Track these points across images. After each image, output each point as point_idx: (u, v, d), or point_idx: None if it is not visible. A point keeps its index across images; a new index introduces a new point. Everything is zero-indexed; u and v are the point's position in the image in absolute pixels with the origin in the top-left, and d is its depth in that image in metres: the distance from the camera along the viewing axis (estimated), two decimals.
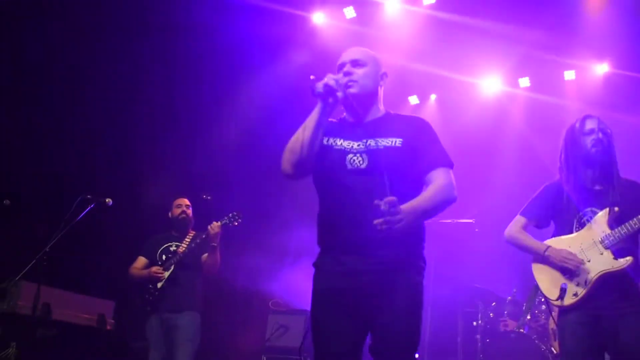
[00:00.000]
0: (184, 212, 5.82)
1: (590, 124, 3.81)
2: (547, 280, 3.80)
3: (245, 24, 7.36)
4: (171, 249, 5.66)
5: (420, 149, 2.93)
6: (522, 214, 3.96)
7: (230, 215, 5.58)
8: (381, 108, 3.12)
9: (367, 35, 7.71)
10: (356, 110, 3.04)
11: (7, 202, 5.51)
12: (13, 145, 6.76)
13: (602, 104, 7.76)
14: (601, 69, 7.93)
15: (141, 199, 7.35)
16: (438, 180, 2.88)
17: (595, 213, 3.71)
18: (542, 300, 4.09)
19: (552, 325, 6.11)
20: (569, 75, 8.05)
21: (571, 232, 3.78)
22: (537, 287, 3.88)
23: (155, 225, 6.18)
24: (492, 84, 8.39)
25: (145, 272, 5.57)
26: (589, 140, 3.76)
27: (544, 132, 8.00)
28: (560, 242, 3.79)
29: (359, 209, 2.78)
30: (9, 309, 5.26)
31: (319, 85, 2.86)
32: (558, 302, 3.67)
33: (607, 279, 3.58)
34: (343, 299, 2.83)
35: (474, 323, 6.81)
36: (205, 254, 5.56)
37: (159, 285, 5.50)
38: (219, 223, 5.50)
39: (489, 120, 8.39)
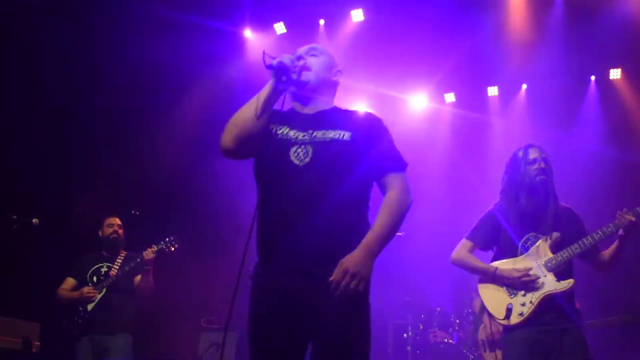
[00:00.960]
0: (115, 231, 5.69)
1: (533, 153, 4.05)
2: (493, 300, 4.03)
3: (176, 40, 7.29)
4: (102, 270, 5.55)
5: (372, 148, 2.79)
6: (469, 238, 4.19)
7: (167, 240, 5.47)
8: (330, 103, 3.00)
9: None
10: (306, 98, 2.92)
11: None
12: None
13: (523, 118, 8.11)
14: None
15: (68, 217, 7.15)
16: (391, 192, 2.75)
17: (537, 238, 3.98)
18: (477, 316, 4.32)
19: (481, 335, 6.30)
20: (492, 91, 8.33)
21: (515, 256, 4.02)
22: (483, 306, 4.10)
23: (83, 245, 6.03)
24: (419, 100, 8.58)
25: (75, 293, 5.43)
26: (532, 170, 4.00)
27: (468, 147, 8.28)
28: (506, 264, 4.02)
29: (300, 211, 2.65)
30: None
31: (274, 62, 2.77)
32: (505, 322, 3.92)
33: (551, 299, 3.85)
34: (283, 317, 2.64)
35: (404, 335, 6.91)
36: (138, 276, 5.47)
37: (90, 307, 5.37)
38: (155, 248, 5.40)
39: (417, 135, 8.56)
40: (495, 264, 4.08)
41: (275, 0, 7.51)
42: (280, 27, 7.85)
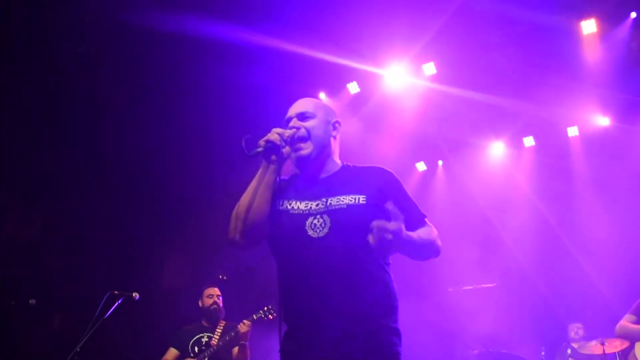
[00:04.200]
0: (215, 302, 5.79)
1: None
2: None
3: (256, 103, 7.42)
4: (203, 340, 5.63)
5: (393, 212, 2.57)
6: (631, 312, 5.21)
7: (266, 309, 5.53)
8: (337, 161, 2.84)
9: (371, 109, 7.93)
10: (311, 168, 2.77)
11: (32, 301, 5.50)
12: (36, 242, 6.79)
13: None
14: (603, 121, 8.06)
15: (162, 288, 7.33)
16: (425, 228, 2.70)
17: None
18: None
19: None
20: (573, 131, 8.18)
21: None
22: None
23: (180, 314, 6.15)
24: (496, 147, 8.50)
25: None
26: None
27: (549, 192, 8.12)
28: None
29: (326, 291, 2.52)
30: None
31: (261, 142, 2.62)
32: None
33: None
34: None
35: None
36: (236, 348, 5.53)
37: None
38: (248, 323, 5.46)
39: (495, 183, 8.47)
40: None
41: (346, 59, 7.60)
42: (353, 87, 7.94)
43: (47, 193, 7.01)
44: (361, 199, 2.64)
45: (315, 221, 2.61)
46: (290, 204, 2.70)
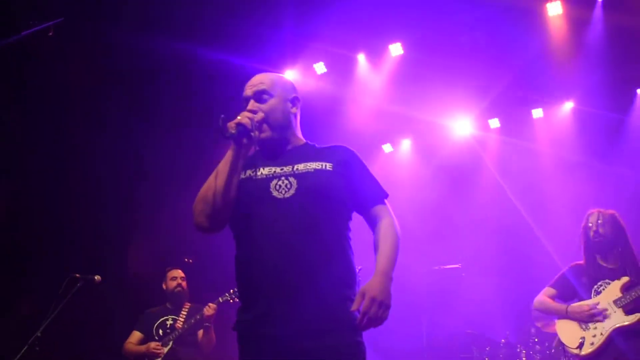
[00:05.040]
0: (179, 285, 5.75)
1: (591, 219, 4.78)
2: (567, 333, 4.65)
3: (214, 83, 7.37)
4: (167, 323, 5.58)
5: (355, 180, 2.70)
6: (551, 286, 4.90)
7: (232, 291, 5.46)
8: (299, 136, 2.84)
9: (338, 89, 7.89)
10: (272, 148, 2.75)
11: None
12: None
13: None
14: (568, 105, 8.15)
15: (127, 271, 7.24)
16: (384, 221, 2.68)
17: (608, 284, 4.59)
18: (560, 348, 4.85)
19: None
20: (537, 113, 8.24)
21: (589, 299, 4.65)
22: (559, 340, 4.72)
23: (143, 297, 6.09)
24: (463, 126, 8.52)
25: (142, 347, 5.46)
26: (591, 233, 4.72)
27: (516, 172, 8.19)
28: (581, 305, 4.64)
29: (290, 250, 2.49)
30: None
31: (231, 125, 2.56)
32: (577, 351, 4.52)
33: (620, 332, 4.39)
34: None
35: None
36: (201, 331, 5.48)
37: None
38: (214, 305, 5.39)
39: (463, 163, 8.51)
40: (571, 305, 4.71)
41: (313, 40, 7.54)
42: (320, 67, 7.88)
43: (11, 175, 6.86)
44: (328, 166, 2.67)
45: (280, 182, 2.61)
46: (253, 172, 2.68)
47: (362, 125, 8.01)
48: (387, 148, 9.03)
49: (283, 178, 2.61)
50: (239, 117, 2.61)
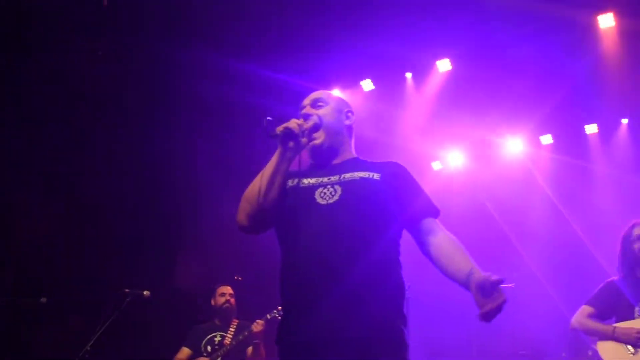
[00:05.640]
0: (228, 301, 5.74)
1: (637, 231, 4.46)
2: (612, 356, 4.35)
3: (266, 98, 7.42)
4: (216, 339, 5.58)
5: (404, 193, 2.64)
6: (589, 304, 4.55)
7: (279, 308, 5.42)
8: (352, 151, 2.84)
9: (385, 106, 7.87)
10: (324, 157, 2.76)
11: (43, 299, 5.49)
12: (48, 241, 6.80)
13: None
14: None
15: (174, 286, 7.31)
16: (443, 232, 2.60)
17: None
18: None
19: None
20: (591, 129, 8.05)
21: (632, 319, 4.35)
22: None
23: (193, 313, 6.12)
24: (515, 142, 8.38)
25: None
26: (637, 246, 4.41)
27: (568, 189, 7.99)
28: (624, 324, 4.35)
29: (328, 257, 2.44)
30: None
31: (279, 128, 2.60)
32: None
33: None
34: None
35: None
36: (250, 348, 5.47)
37: None
38: (262, 322, 5.38)
39: (514, 181, 8.34)
40: (615, 325, 4.40)
41: (360, 58, 7.55)
42: (367, 84, 7.88)
43: (62, 194, 7.02)
44: (375, 175, 2.65)
45: (325, 190, 2.61)
46: (300, 181, 2.69)
47: (411, 143, 7.95)
48: (436, 165, 8.93)
49: (329, 186, 2.61)
50: (287, 122, 2.64)
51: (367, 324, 2.40)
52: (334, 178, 2.65)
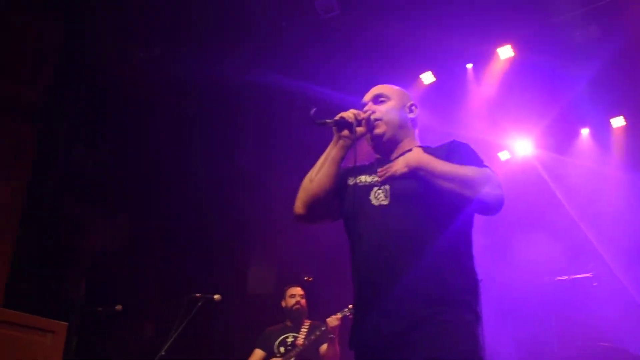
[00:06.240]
0: (298, 302, 5.72)
1: None
2: None
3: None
4: (288, 340, 5.57)
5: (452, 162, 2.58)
6: None
7: (350, 306, 5.35)
8: (414, 142, 2.82)
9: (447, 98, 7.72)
10: (385, 149, 2.79)
11: (119, 307, 5.60)
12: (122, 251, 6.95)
13: None
14: None
15: (246, 291, 7.36)
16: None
17: None
18: None
19: None
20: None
21: None
22: None
23: (265, 317, 6.13)
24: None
25: None
26: None
27: None
28: None
29: (386, 256, 2.47)
30: None
31: (336, 117, 2.67)
32: None
33: None
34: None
35: None
36: (324, 345, 5.43)
37: None
38: (338, 316, 5.34)
39: (586, 169, 8.03)
40: None
41: (419, 51, 7.42)
42: (427, 77, 7.73)
43: (131, 202, 7.16)
44: None
45: (380, 190, 2.63)
46: (359, 179, 2.73)
47: (476, 133, 7.75)
48: (503, 155, 8.68)
49: (382, 186, 2.63)
50: (344, 112, 2.70)
51: (431, 315, 2.39)
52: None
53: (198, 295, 5.20)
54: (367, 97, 2.86)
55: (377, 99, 2.82)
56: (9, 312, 3.56)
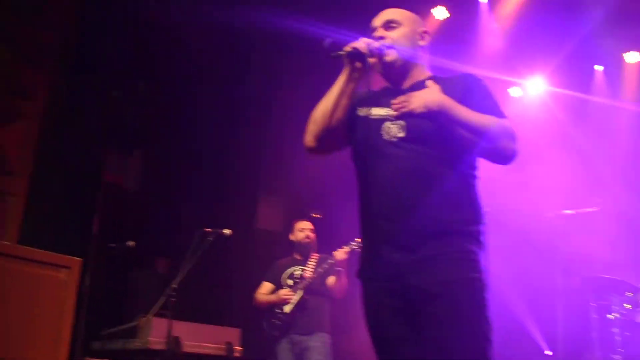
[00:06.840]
0: (308, 236, 5.76)
1: None
2: None
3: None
4: (296, 273, 5.66)
5: (474, 108, 2.52)
6: None
7: (358, 239, 5.45)
8: (425, 71, 2.76)
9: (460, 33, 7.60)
10: (396, 77, 2.72)
11: (131, 243, 5.68)
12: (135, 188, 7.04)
13: None
14: None
15: (253, 224, 7.44)
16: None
17: None
18: None
19: None
20: None
21: None
22: None
23: (274, 253, 6.22)
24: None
25: (273, 296, 5.58)
26: None
27: None
28: None
29: (398, 191, 2.48)
30: (142, 345, 5.38)
31: (347, 48, 2.55)
32: None
33: None
34: (392, 305, 2.49)
35: (609, 316, 6.43)
36: (332, 278, 5.52)
37: (287, 309, 5.50)
38: (346, 249, 5.40)
39: (599, 107, 7.93)
40: None
41: None
42: (440, 12, 7.61)
43: (143, 141, 7.20)
44: None
45: (392, 125, 2.59)
46: (370, 111, 2.68)
47: (488, 69, 7.66)
48: (515, 92, 8.59)
49: (396, 121, 2.57)
50: (355, 42, 2.58)
51: (438, 243, 2.45)
52: None
53: (209, 230, 5.28)
54: (377, 21, 2.75)
55: (388, 25, 2.71)
56: (24, 249, 3.65)
